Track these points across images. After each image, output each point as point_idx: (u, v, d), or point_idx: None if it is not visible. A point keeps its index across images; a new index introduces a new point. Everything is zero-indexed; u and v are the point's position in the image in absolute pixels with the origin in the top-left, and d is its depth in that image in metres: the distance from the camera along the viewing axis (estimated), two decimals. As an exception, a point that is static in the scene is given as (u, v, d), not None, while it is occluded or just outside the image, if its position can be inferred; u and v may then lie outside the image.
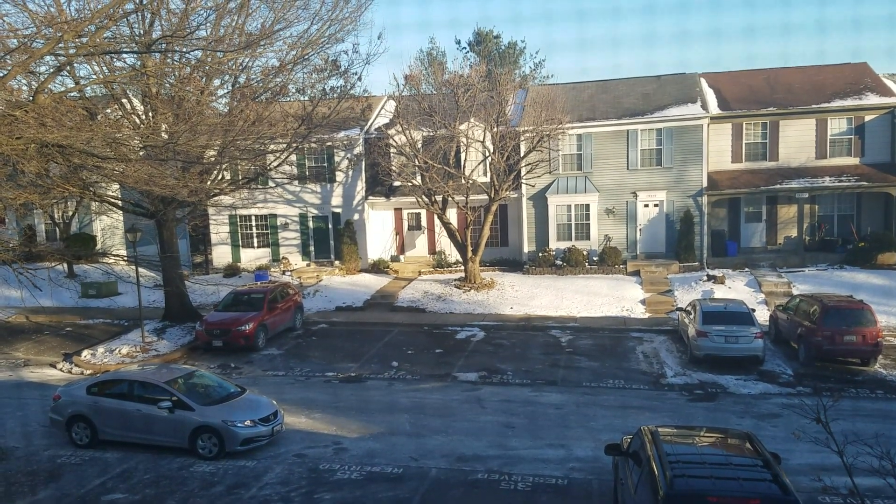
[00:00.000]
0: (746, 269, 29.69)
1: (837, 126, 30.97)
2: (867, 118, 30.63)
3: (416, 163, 29.94)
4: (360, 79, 29.09)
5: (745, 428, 13.80)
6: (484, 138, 30.14)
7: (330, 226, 34.69)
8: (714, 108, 31.57)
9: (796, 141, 31.22)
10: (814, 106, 30.90)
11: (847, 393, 18.09)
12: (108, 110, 23.66)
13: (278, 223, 35.14)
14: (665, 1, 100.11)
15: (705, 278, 28.31)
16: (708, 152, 31.06)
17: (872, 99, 30.59)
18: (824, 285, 26.54)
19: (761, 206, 32.10)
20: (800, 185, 29.95)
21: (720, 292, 26.64)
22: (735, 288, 27.36)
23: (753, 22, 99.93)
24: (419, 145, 30.42)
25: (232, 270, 34.24)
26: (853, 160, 30.85)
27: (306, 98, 27.69)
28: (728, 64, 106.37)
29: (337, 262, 34.06)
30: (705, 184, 30.82)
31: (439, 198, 30.23)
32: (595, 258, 31.53)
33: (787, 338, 21.93)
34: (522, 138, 30.22)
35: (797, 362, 20.52)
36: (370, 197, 34.12)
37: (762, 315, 23.91)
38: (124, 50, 17.55)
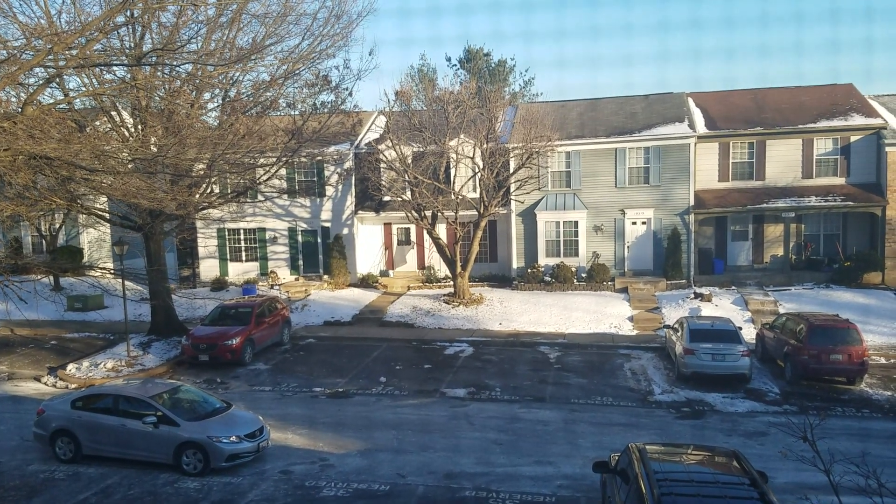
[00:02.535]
0: (733, 288, 29.84)
1: (823, 146, 31.29)
2: (853, 139, 30.96)
3: (406, 178, 30.00)
4: (350, 94, 29.18)
5: (732, 446, 13.81)
6: (474, 154, 30.24)
7: (319, 240, 34.63)
8: (701, 127, 31.85)
9: (783, 160, 31.50)
10: (800, 126, 31.22)
11: (833, 412, 18.17)
12: (98, 122, 23.60)
13: (267, 237, 35.05)
14: (650, 20, 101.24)
15: (692, 296, 28.43)
16: (695, 171, 31.31)
17: (858, 120, 30.94)
18: (810, 304, 26.71)
19: (748, 224, 32.33)
20: (786, 204, 30.19)
21: (707, 310, 26.75)
22: (722, 306, 27.48)
23: (737, 41, 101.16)
24: (409, 161, 30.49)
25: (219, 284, 34.07)
26: (839, 180, 31.15)
27: (297, 113, 27.72)
28: (712, 81, 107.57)
29: (326, 277, 33.97)
30: (692, 202, 31.04)
31: (429, 213, 30.28)
32: (583, 275, 31.62)
33: (773, 356, 22.02)
34: (512, 155, 30.35)
35: (784, 381, 20.60)
36: (360, 211, 34.11)
37: (749, 333, 23.99)
38: (115, 62, 17.55)
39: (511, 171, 30.27)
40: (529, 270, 31.81)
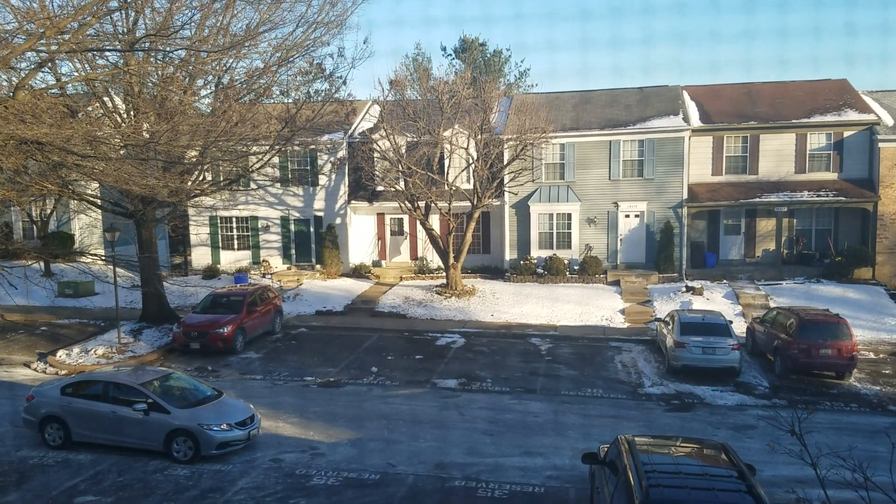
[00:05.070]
0: (725, 281, 29.94)
1: (817, 141, 31.36)
2: (846, 134, 31.04)
3: (400, 168, 29.93)
4: (344, 82, 28.93)
5: (720, 439, 13.89)
6: (468, 145, 30.19)
7: (312, 229, 34.56)
8: (696, 120, 31.86)
9: (776, 155, 31.57)
10: (794, 121, 31.29)
11: (822, 406, 18.28)
12: (90, 108, 23.43)
13: (259, 225, 34.96)
14: (639, 10, 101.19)
15: (684, 289, 28.51)
16: (689, 164, 31.35)
17: (851, 115, 31.02)
18: (801, 299, 26.81)
19: (740, 218, 32.42)
20: (779, 198, 30.29)
21: (698, 303, 26.84)
22: (713, 299, 27.57)
23: (727, 33, 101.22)
24: (403, 150, 30.41)
25: (211, 272, 33.96)
26: (832, 175, 31.25)
27: (290, 100, 27.58)
28: (704, 74, 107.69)
29: (318, 266, 33.92)
30: (686, 196, 31.09)
31: (422, 204, 30.23)
32: (576, 267, 31.66)
33: (763, 350, 22.12)
34: (506, 146, 30.32)
35: (773, 374, 20.70)
36: (353, 201, 34.04)
37: (739, 327, 24.10)
38: (107, 48, 17.43)
39: (505, 162, 30.24)
40: (522, 262, 31.84)
